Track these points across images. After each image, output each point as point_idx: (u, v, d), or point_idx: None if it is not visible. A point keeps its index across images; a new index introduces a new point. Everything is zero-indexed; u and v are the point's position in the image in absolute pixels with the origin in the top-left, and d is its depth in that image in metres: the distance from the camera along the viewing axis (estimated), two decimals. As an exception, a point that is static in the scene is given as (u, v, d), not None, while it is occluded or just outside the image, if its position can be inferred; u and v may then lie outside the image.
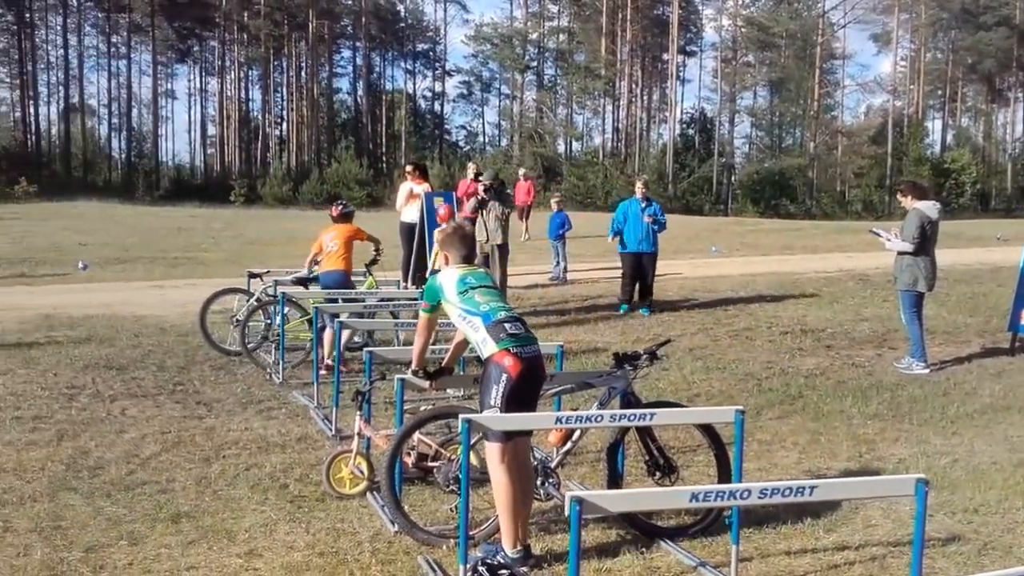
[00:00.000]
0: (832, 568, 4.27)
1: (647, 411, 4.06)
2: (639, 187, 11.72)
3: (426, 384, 4.62)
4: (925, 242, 8.39)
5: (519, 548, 4.05)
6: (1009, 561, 4.35)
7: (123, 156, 55.64)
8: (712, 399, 7.60)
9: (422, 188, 11.72)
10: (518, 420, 3.86)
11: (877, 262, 15.92)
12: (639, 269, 11.48)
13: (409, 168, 12.74)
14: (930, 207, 8.51)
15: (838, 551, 4.48)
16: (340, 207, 8.91)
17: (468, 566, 3.84)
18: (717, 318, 11.15)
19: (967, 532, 4.72)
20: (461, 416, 3.79)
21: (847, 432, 6.63)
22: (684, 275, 15.06)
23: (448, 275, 4.38)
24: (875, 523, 4.85)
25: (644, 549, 4.42)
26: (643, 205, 11.42)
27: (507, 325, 4.11)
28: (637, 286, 11.64)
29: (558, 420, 3.91)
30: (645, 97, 61.81)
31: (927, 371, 8.41)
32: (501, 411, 3.97)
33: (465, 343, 4.50)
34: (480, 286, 4.30)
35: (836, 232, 24.79)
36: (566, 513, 2.85)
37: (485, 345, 4.09)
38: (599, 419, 3.96)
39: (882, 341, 9.95)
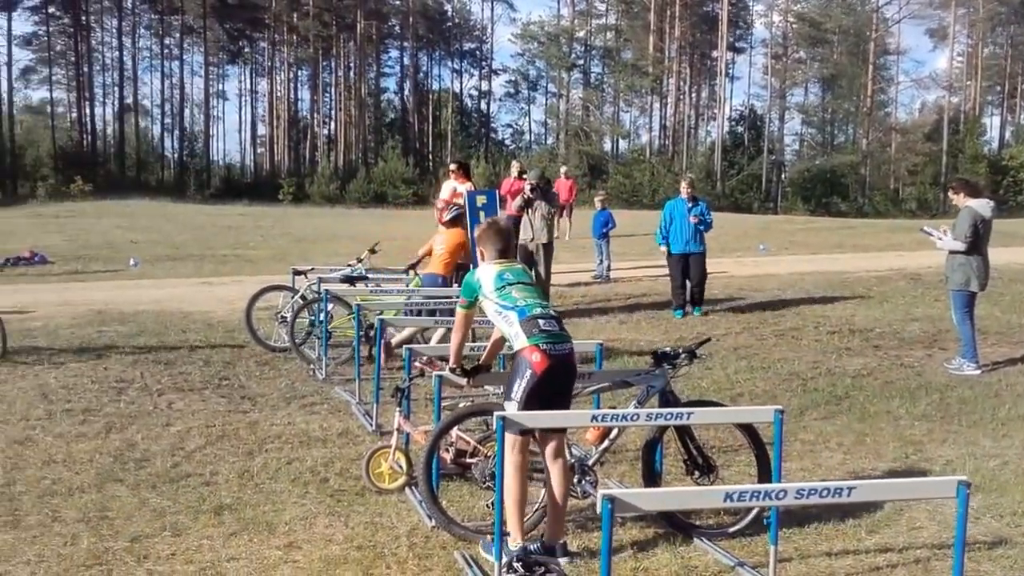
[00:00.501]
0: (873, 570, 4.19)
1: (684, 410, 4.03)
2: (684, 187, 11.44)
3: (463, 381, 4.63)
4: (978, 241, 8.17)
5: (520, 543, 4.02)
6: (1059, 567, 4.22)
7: (175, 156, 56.97)
8: (755, 399, 7.50)
9: (465, 187, 11.77)
10: (553, 418, 3.85)
11: (929, 261, 15.54)
12: (687, 271, 11.19)
13: (453, 167, 12.77)
14: (983, 205, 8.29)
15: (880, 553, 4.39)
16: (451, 212, 8.95)
17: (503, 562, 3.86)
18: (763, 317, 11.00)
19: (1014, 535, 4.59)
20: (496, 413, 3.80)
21: (894, 433, 6.49)
22: (730, 274, 14.88)
23: (486, 271, 4.39)
24: (920, 525, 4.74)
25: (682, 548, 4.38)
26: (689, 205, 11.16)
27: (541, 321, 4.11)
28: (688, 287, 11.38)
29: (594, 418, 3.90)
30: (693, 94, 61.21)
31: (978, 372, 8.19)
32: (520, 406, 3.97)
33: (503, 340, 4.50)
34: (518, 282, 4.29)
35: (888, 231, 24.28)
36: (598, 511, 2.84)
37: (517, 339, 4.10)
38: (635, 418, 3.92)
39: (932, 341, 9.72)
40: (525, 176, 11.47)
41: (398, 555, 4.20)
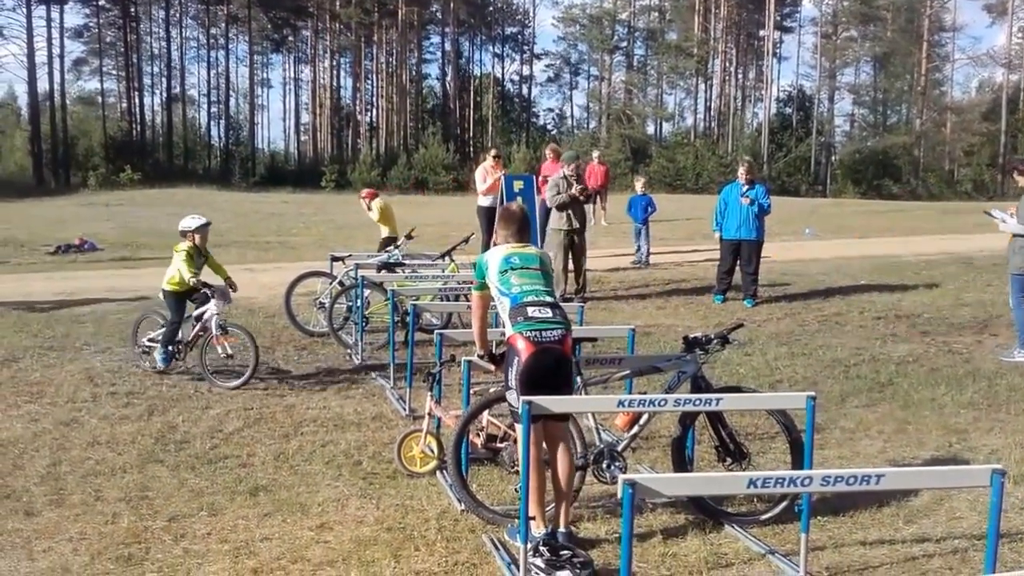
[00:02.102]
0: (909, 560, 4.11)
1: (712, 396, 3.98)
2: (742, 171, 10.78)
3: (491, 367, 4.63)
4: None
5: (543, 529, 4.01)
6: (1106, 560, 4.09)
7: (221, 144, 57.85)
8: (795, 385, 7.38)
9: (500, 173, 11.78)
10: (577, 403, 3.83)
11: (983, 245, 15.15)
12: (737, 257, 10.71)
13: (494, 152, 12.77)
14: None
15: (917, 543, 4.30)
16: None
17: (530, 546, 3.86)
18: (805, 303, 10.81)
19: (1060, 527, 4.47)
20: (522, 398, 3.79)
21: (937, 421, 6.34)
22: (773, 258, 14.61)
23: (495, 253, 4.36)
24: (960, 515, 4.64)
25: (712, 534, 4.35)
26: (745, 188, 10.60)
27: (530, 308, 4.08)
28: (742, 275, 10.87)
29: (620, 403, 3.87)
30: (740, 75, 60.23)
31: (1029, 359, 7.96)
32: (517, 394, 3.97)
33: None
34: (522, 267, 4.23)
35: (941, 213, 23.70)
36: (619, 496, 2.83)
37: (507, 326, 4.12)
38: (663, 403, 3.88)
39: (983, 327, 9.46)
40: (562, 159, 11.27)
41: (427, 537, 4.23)
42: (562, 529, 4.06)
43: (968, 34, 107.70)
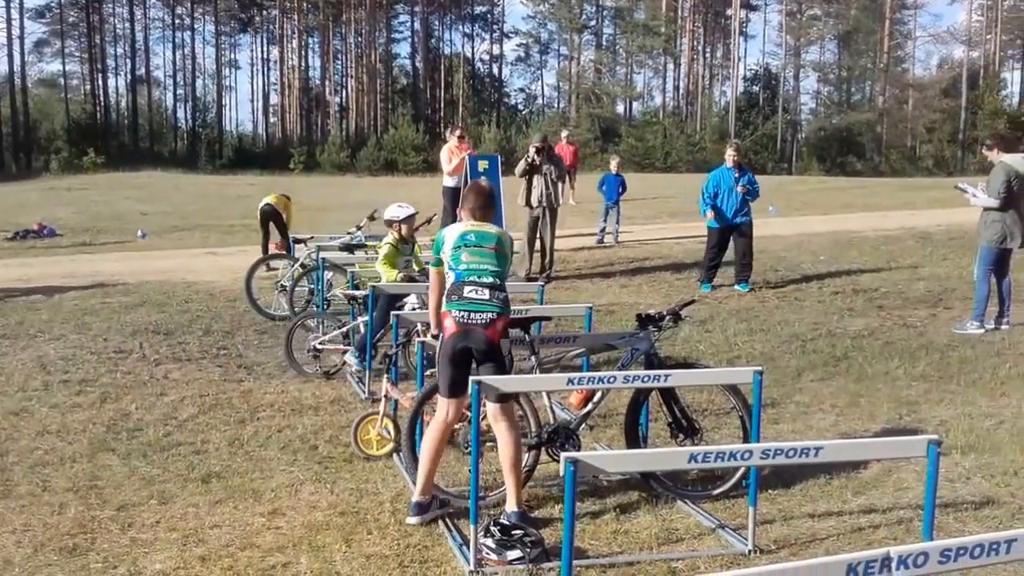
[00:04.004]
0: (856, 531, 4.17)
1: (661, 372, 4.00)
2: (730, 154, 10.50)
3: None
4: (1011, 197, 8.01)
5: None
6: (1045, 526, 4.18)
7: (188, 126, 56.97)
8: (753, 360, 7.45)
9: (465, 153, 11.72)
10: (527, 382, 3.84)
11: (940, 220, 15.37)
12: (726, 244, 10.46)
13: (458, 132, 12.72)
14: (1018, 160, 8.11)
15: (864, 514, 4.37)
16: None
17: (481, 526, 3.87)
18: (766, 279, 10.92)
19: (1003, 495, 4.56)
20: (471, 378, 3.79)
21: (889, 394, 6.44)
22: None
23: (453, 229, 4.34)
24: (907, 486, 4.71)
25: (664, 510, 4.38)
26: (736, 174, 10.30)
27: (467, 288, 4.09)
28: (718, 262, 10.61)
29: (570, 382, 3.87)
30: (707, 54, 60.33)
31: (981, 331, 8.10)
32: (438, 371, 4.09)
33: None
34: (475, 245, 4.21)
35: (900, 189, 23.98)
36: (560, 474, 2.84)
37: (443, 303, 4.18)
38: (612, 380, 3.90)
39: (937, 301, 9.61)
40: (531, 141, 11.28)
41: (380, 521, 4.22)
42: (513, 509, 4.07)
43: (929, 12, 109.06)
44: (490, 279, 4.12)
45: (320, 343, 6.80)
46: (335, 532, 4.10)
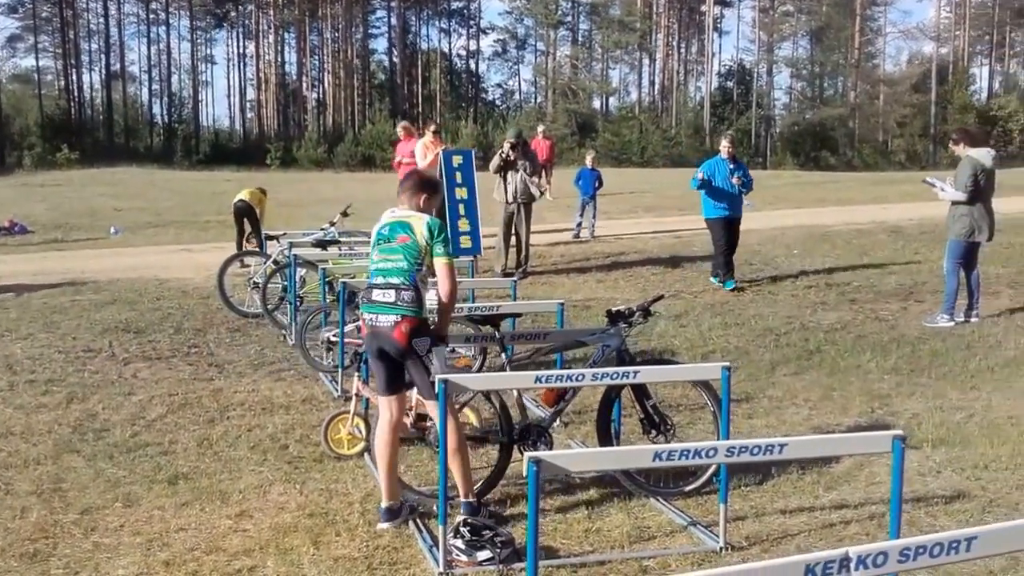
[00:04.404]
0: (827, 527, 4.18)
1: (631, 369, 3.98)
2: (725, 145, 10.15)
3: None
4: (978, 191, 8.07)
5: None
6: (1014, 519, 4.20)
7: (164, 122, 56.33)
8: (727, 355, 7.46)
9: (439, 149, 11.64)
10: (493, 380, 3.81)
11: (911, 214, 15.49)
12: (732, 236, 10.13)
13: (433, 128, 12.64)
14: (984, 155, 8.18)
15: (836, 509, 4.38)
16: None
17: (450, 527, 3.84)
18: (741, 273, 10.92)
19: (974, 489, 4.59)
20: (438, 376, 3.75)
21: (862, 387, 6.48)
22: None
23: (380, 221, 4.24)
24: (879, 480, 4.72)
25: (636, 508, 4.36)
26: (731, 167, 9.97)
27: (374, 291, 4.05)
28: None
29: (538, 379, 3.84)
30: (682, 50, 60.53)
31: (951, 324, 8.17)
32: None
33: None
34: (386, 240, 4.10)
35: (873, 184, 24.20)
36: (523, 474, 2.81)
37: None
38: (581, 378, 3.87)
39: (908, 294, 9.69)
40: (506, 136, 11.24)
41: (349, 522, 4.17)
42: (464, 499, 4.08)
43: (899, 8, 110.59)
44: (396, 278, 4.01)
45: (335, 335, 6.69)
46: (303, 534, 4.05)
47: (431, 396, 3.99)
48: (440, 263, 4.04)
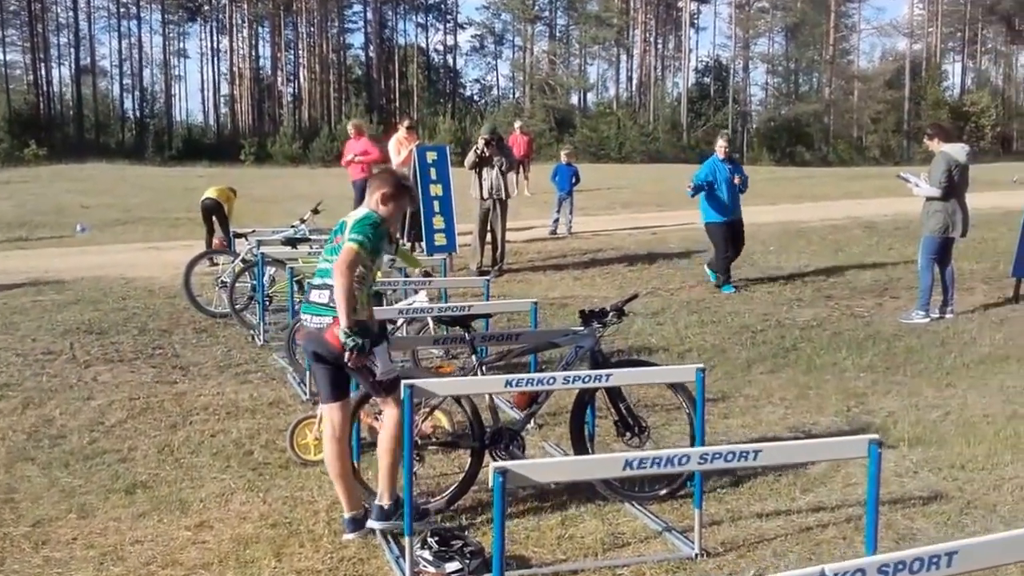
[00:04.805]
0: (804, 531, 4.09)
1: (603, 372, 3.87)
2: (722, 145, 9.88)
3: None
4: (952, 186, 8.04)
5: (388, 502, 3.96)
6: (992, 521, 4.15)
7: (135, 117, 55.52)
8: (704, 353, 7.40)
9: (413, 145, 11.50)
10: (462, 384, 3.68)
11: (886, 210, 15.54)
12: (734, 238, 9.89)
13: (407, 124, 12.51)
14: (958, 150, 8.16)
15: (813, 512, 4.29)
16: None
17: (418, 538, 3.71)
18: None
19: (951, 490, 4.52)
20: (404, 381, 3.62)
21: (838, 386, 6.42)
22: (691, 226, 14.72)
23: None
24: (855, 481, 4.64)
25: (610, 513, 4.26)
26: (729, 167, 9.75)
27: (312, 291, 3.96)
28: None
29: (508, 383, 3.72)
30: (659, 45, 60.60)
31: (926, 320, 8.15)
32: None
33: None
34: (329, 242, 4.01)
35: (848, 179, 24.30)
36: (489, 485, 2.68)
37: None
38: (552, 381, 3.76)
39: (883, 290, 9.67)
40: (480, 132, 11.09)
41: (314, 532, 4.03)
42: (378, 503, 3.96)
43: (873, 5, 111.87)
44: (331, 279, 3.87)
45: None
46: (265, 545, 3.90)
47: (380, 394, 3.87)
48: (345, 246, 3.74)
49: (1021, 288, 8.94)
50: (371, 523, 3.88)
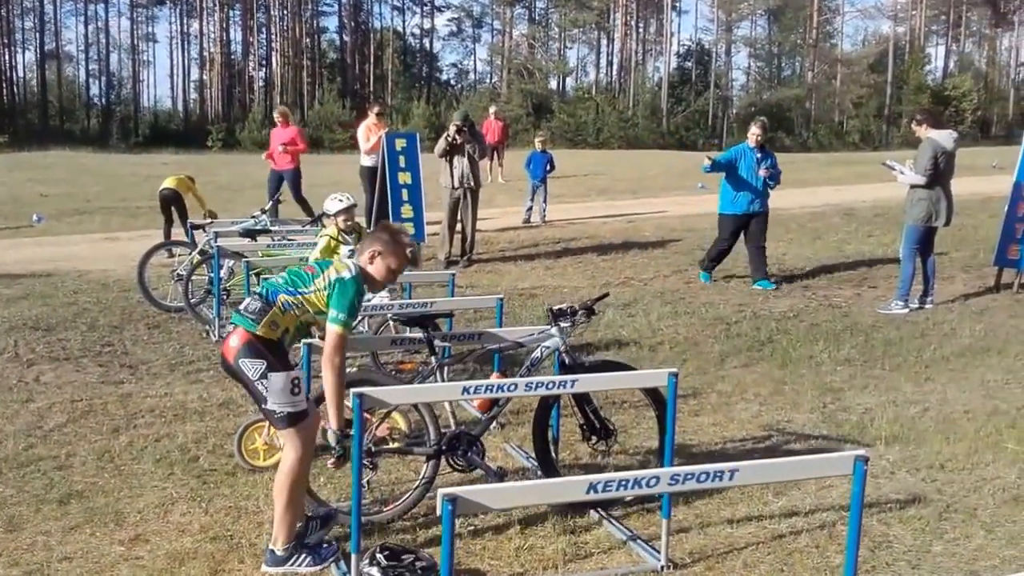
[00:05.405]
0: (776, 539, 3.88)
1: (567, 378, 3.62)
2: (755, 132, 9.09)
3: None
4: (938, 174, 7.85)
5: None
6: (972, 527, 3.96)
7: (102, 103, 54.46)
8: (676, 346, 7.19)
9: (383, 132, 11.17)
10: (417, 392, 3.42)
11: (865, 196, 15.41)
12: (740, 234, 9.27)
13: (376, 109, 12.18)
14: (945, 137, 7.96)
15: (786, 518, 4.09)
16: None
17: (367, 554, 3.46)
18: (693, 258, 10.67)
19: (930, 492, 4.34)
20: (352, 391, 3.36)
21: (814, 380, 6.23)
22: (666, 213, 14.55)
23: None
24: (830, 483, 4.44)
25: (573, 520, 4.03)
26: (758, 155, 9.07)
27: (248, 299, 3.70)
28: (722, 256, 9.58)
29: (465, 391, 3.46)
30: (640, 29, 60.25)
31: (905, 311, 7.98)
32: None
33: None
34: (303, 261, 3.92)
35: (827, 165, 24.17)
36: (437, 512, 2.43)
37: None
38: (513, 388, 3.50)
39: (862, 280, 9.51)
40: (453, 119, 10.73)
41: (256, 547, 3.76)
42: (271, 547, 3.62)
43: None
44: (261, 290, 3.64)
45: None
46: (202, 562, 3.63)
47: (277, 425, 3.55)
48: (328, 328, 3.49)
49: (1002, 277, 8.79)
50: (264, 568, 3.56)
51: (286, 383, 3.45)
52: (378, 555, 3.48)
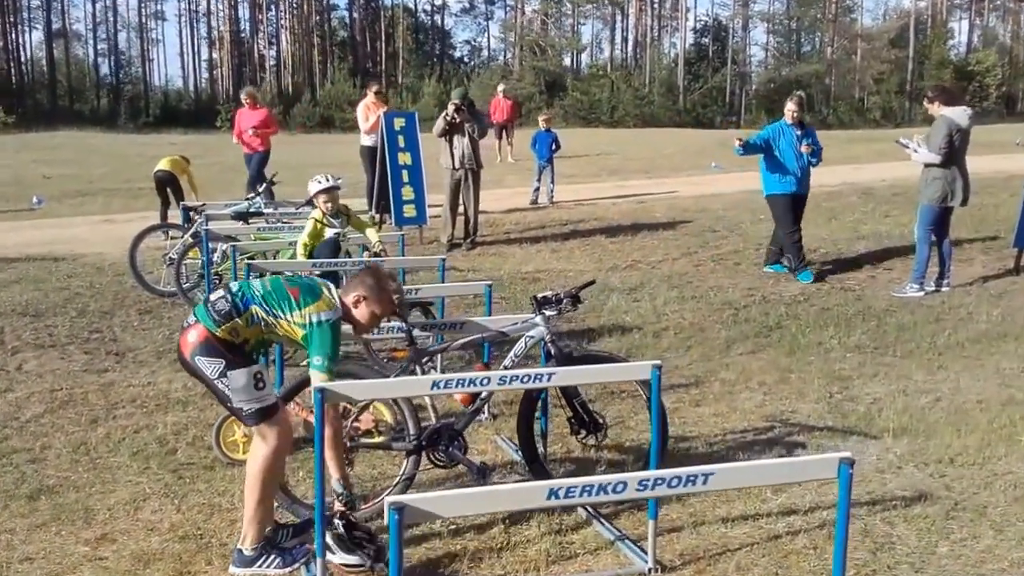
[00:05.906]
0: (772, 539, 3.67)
1: (546, 371, 3.41)
2: (792, 109, 8.49)
3: None
4: (953, 152, 7.54)
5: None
6: (981, 527, 3.73)
7: (111, 83, 54.35)
8: (681, 332, 6.96)
9: (381, 111, 10.95)
10: (384, 387, 3.22)
11: (884, 175, 15.02)
12: (797, 215, 8.60)
13: (375, 88, 11.96)
14: (960, 114, 7.64)
15: (783, 516, 3.87)
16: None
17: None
18: (704, 240, 10.41)
19: (937, 488, 4.11)
20: (314, 385, 3.17)
21: (822, 368, 5.99)
22: (678, 194, 14.24)
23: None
24: (831, 479, 4.21)
25: (560, 518, 3.83)
26: (798, 132, 8.48)
27: (215, 292, 3.51)
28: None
29: (435, 385, 3.26)
30: (655, 5, 59.42)
31: (920, 294, 7.70)
32: None
33: None
34: (290, 281, 3.58)
35: (847, 142, 23.63)
36: (384, 522, 2.24)
37: None
38: (486, 382, 3.30)
39: (878, 261, 9.20)
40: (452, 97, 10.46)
41: (226, 547, 3.59)
42: (239, 546, 3.45)
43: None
44: (238, 289, 3.45)
45: None
46: (168, 563, 3.47)
47: (246, 422, 3.38)
48: (314, 377, 3.30)
49: (1022, 260, 8.48)
50: (232, 569, 3.40)
51: (248, 379, 3.26)
52: (336, 520, 3.32)
